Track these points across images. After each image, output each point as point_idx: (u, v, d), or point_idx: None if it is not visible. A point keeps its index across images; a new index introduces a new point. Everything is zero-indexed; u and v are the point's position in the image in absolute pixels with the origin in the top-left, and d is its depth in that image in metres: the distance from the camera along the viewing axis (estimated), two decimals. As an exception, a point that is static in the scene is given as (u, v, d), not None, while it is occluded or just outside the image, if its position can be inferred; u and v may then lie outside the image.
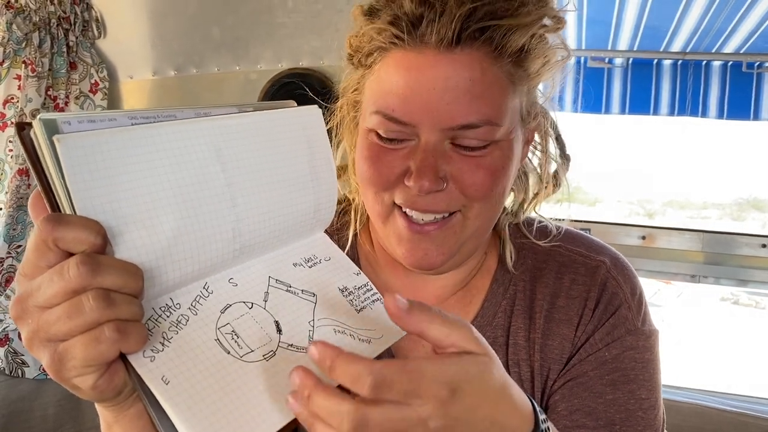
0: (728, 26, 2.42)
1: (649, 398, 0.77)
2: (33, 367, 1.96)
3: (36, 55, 1.86)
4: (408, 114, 0.69)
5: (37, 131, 0.43)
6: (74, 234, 0.43)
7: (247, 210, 0.55)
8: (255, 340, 0.53)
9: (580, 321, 0.80)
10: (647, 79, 2.72)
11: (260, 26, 1.96)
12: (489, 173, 0.71)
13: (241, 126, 0.56)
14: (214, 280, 0.54)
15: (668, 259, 2.35)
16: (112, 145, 0.46)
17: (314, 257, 0.64)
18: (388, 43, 0.71)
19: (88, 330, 0.44)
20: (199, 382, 0.48)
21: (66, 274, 0.43)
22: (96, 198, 0.45)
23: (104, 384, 0.48)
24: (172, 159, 0.49)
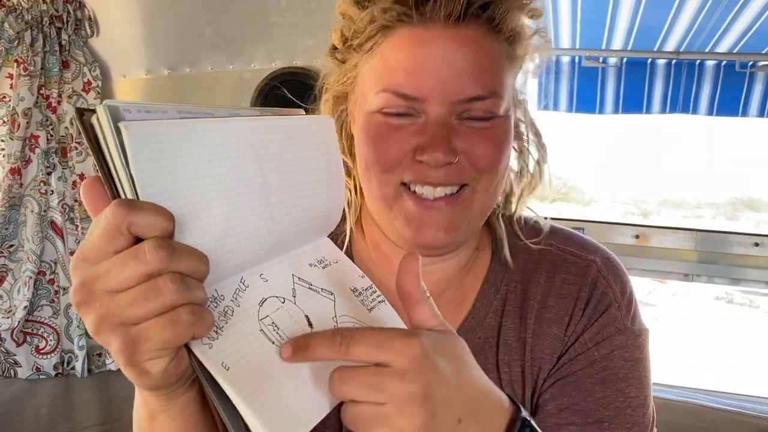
0: (721, 26, 2.43)
1: (638, 396, 0.78)
2: (26, 367, 1.95)
3: (28, 54, 1.85)
4: (418, 88, 0.71)
5: (101, 117, 0.44)
6: (148, 219, 0.43)
7: (279, 209, 0.57)
8: (292, 332, 0.55)
9: (570, 320, 0.81)
10: (641, 79, 2.73)
11: (254, 25, 1.96)
12: (496, 145, 0.74)
13: (273, 128, 0.58)
14: (248, 274, 0.56)
15: (662, 257, 2.36)
16: (171, 136, 0.47)
17: (324, 259, 0.67)
18: (395, 21, 0.72)
19: (163, 313, 0.45)
20: (255, 368, 0.50)
21: (143, 257, 0.43)
22: (158, 185, 0.45)
23: (173, 368, 0.48)
24: (218, 155, 0.51)
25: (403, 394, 0.50)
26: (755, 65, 2.61)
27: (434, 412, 0.52)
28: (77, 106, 1.98)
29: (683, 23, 2.44)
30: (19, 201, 1.93)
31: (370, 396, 0.51)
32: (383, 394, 0.51)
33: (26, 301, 1.90)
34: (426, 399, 0.51)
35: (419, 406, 0.51)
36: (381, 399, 0.51)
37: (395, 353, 0.51)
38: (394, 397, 0.50)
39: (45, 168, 1.93)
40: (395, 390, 0.50)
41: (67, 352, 2.02)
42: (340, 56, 0.81)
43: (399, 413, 0.50)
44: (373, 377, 0.51)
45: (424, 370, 0.51)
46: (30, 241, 1.92)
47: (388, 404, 0.51)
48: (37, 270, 1.93)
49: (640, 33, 2.58)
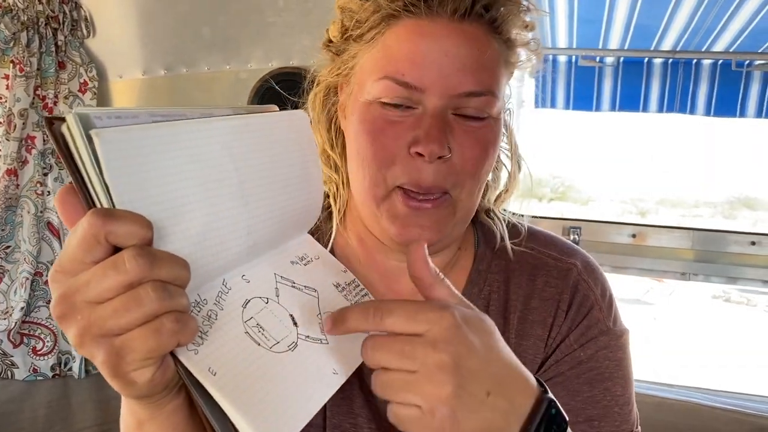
0: (717, 25, 2.43)
1: (623, 395, 0.80)
2: (22, 369, 1.95)
3: (24, 55, 1.85)
4: (419, 78, 0.71)
5: (71, 126, 0.43)
6: (126, 228, 0.43)
7: (257, 208, 0.57)
8: (277, 332, 0.56)
9: (554, 322, 0.82)
10: (637, 78, 2.74)
11: (250, 25, 1.95)
12: (484, 148, 0.74)
13: (246, 126, 0.58)
14: (230, 276, 0.56)
15: (659, 257, 2.36)
16: (144, 141, 0.46)
17: (306, 256, 0.67)
18: (402, 11, 0.72)
19: (147, 322, 0.44)
20: (241, 372, 0.50)
21: (123, 267, 0.43)
22: (134, 192, 0.45)
23: (159, 377, 0.48)
24: (193, 157, 0.50)
25: (433, 362, 0.51)
26: (751, 64, 2.62)
27: (463, 383, 0.52)
28: (75, 111, 1.98)
29: (679, 22, 2.45)
30: (16, 202, 1.93)
31: (401, 363, 0.52)
32: (414, 362, 0.52)
33: (23, 302, 1.90)
34: (456, 369, 0.52)
35: (449, 374, 0.51)
36: (412, 367, 0.52)
37: (428, 323, 0.52)
38: (425, 365, 0.51)
39: (41, 169, 1.93)
40: (426, 358, 0.51)
41: (64, 354, 2.02)
42: (335, 48, 0.82)
43: (429, 381, 0.51)
44: (405, 345, 0.52)
45: (455, 341, 0.53)
46: (27, 242, 1.91)
47: (418, 372, 0.52)
48: (33, 271, 1.93)
49: (636, 32, 2.58)
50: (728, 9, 2.30)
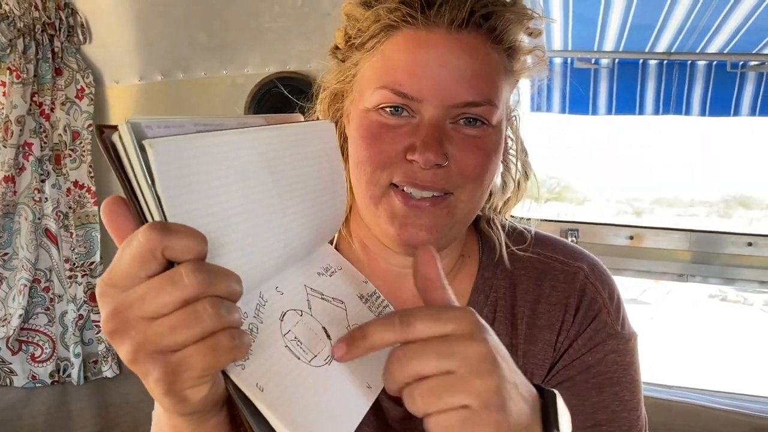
0: (712, 26, 2.44)
1: (632, 399, 0.79)
2: (21, 376, 1.95)
3: (21, 62, 1.85)
4: (416, 89, 0.71)
5: (123, 135, 0.42)
6: (183, 243, 0.42)
7: (293, 220, 0.56)
8: (314, 345, 0.55)
9: (562, 326, 0.82)
10: (633, 79, 2.75)
11: (247, 30, 1.95)
12: (485, 155, 0.74)
13: (281, 137, 0.57)
14: (265, 288, 0.55)
15: (656, 258, 2.36)
16: (192, 152, 0.45)
17: (330, 266, 0.66)
18: (400, 22, 0.73)
19: (204, 339, 0.43)
20: (287, 387, 0.50)
21: (181, 282, 0.42)
22: (185, 205, 0.44)
23: (212, 395, 0.47)
24: (236, 168, 0.49)
25: (475, 354, 0.50)
26: (746, 65, 2.63)
27: (504, 375, 0.52)
28: (66, 122, 1.98)
29: (674, 24, 2.46)
30: (13, 209, 1.92)
31: (440, 364, 0.50)
32: (454, 359, 0.50)
33: (21, 309, 1.90)
34: (496, 358, 0.51)
35: (492, 363, 0.51)
36: (452, 365, 0.50)
37: (456, 321, 0.51)
38: (467, 359, 0.50)
39: (39, 175, 1.93)
40: (467, 352, 0.50)
41: (62, 360, 2.01)
42: (340, 55, 0.82)
43: (475, 375, 0.50)
44: (440, 346, 0.50)
45: (484, 333, 0.52)
46: (24, 249, 1.91)
47: (460, 369, 0.50)
48: (32, 278, 1.93)
49: (631, 34, 2.59)
50: (722, 10, 2.32)
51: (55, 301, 2.00)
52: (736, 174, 19.78)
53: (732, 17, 2.36)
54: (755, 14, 2.31)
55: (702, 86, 2.68)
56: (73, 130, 1.99)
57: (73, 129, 1.99)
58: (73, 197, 1.99)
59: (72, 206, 1.98)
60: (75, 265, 1.98)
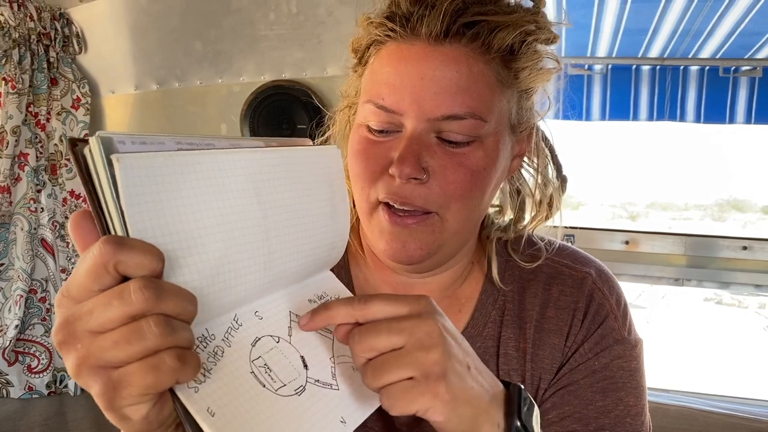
0: (704, 31, 2.46)
1: (636, 405, 0.80)
2: (18, 387, 1.94)
3: (16, 72, 1.84)
4: (396, 102, 0.71)
5: (93, 148, 0.42)
6: (137, 259, 0.42)
7: (278, 243, 0.55)
8: (286, 374, 0.54)
9: (570, 331, 0.82)
10: (626, 85, 2.76)
11: (242, 39, 1.96)
12: (470, 172, 0.73)
13: (274, 160, 0.56)
14: (242, 312, 0.54)
15: (652, 263, 2.37)
16: (166, 169, 0.45)
17: (325, 294, 0.65)
18: (384, 36, 0.74)
19: (146, 357, 0.42)
20: (243, 414, 0.48)
21: (128, 298, 0.41)
22: (149, 221, 0.43)
23: (155, 414, 0.46)
24: (216, 188, 0.49)
25: (421, 330, 0.55)
26: (738, 70, 2.64)
27: (449, 350, 0.56)
28: (62, 131, 1.98)
29: (667, 29, 2.47)
30: (9, 219, 1.92)
31: (389, 339, 0.54)
32: (402, 334, 0.54)
33: (17, 320, 1.89)
34: (442, 334, 0.56)
35: (437, 339, 0.55)
36: (400, 341, 0.54)
37: (408, 304, 0.57)
38: (413, 334, 0.54)
39: (35, 186, 1.92)
40: (414, 329, 0.55)
41: (59, 371, 2.00)
42: (355, 67, 0.83)
43: (419, 348, 0.54)
44: (391, 323, 0.55)
45: (435, 314, 0.57)
46: (20, 259, 1.90)
47: (406, 345, 0.54)
48: (28, 288, 1.92)
49: (624, 39, 2.61)
50: (714, 14, 2.33)
51: (52, 311, 1.99)
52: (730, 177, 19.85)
53: (724, 22, 2.38)
54: (746, 19, 2.33)
55: (696, 91, 2.69)
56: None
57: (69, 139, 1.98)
58: (69, 207, 1.98)
59: (68, 216, 1.98)
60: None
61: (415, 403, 0.53)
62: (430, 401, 0.53)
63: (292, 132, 1.98)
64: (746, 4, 2.22)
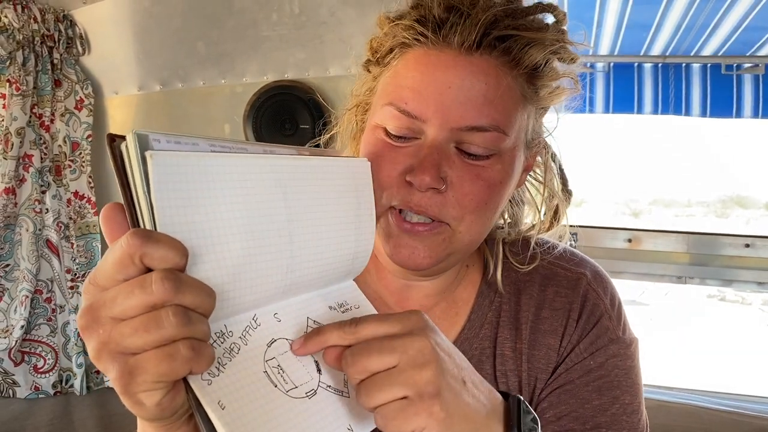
0: (706, 29, 2.46)
1: (632, 403, 0.80)
2: (24, 387, 1.95)
3: (20, 74, 1.85)
4: (420, 108, 0.71)
5: (129, 144, 0.44)
6: (162, 252, 0.43)
7: (301, 248, 0.57)
8: (298, 377, 0.55)
9: (565, 331, 0.83)
10: (629, 82, 2.76)
11: (245, 40, 1.97)
12: (487, 185, 0.72)
13: (304, 167, 0.58)
14: (261, 313, 0.55)
15: (654, 261, 2.38)
16: (197, 168, 0.47)
17: (345, 303, 0.65)
18: (412, 40, 0.73)
19: (163, 345, 0.44)
20: (252, 411, 0.49)
21: (149, 288, 0.43)
22: (177, 216, 0.45)
23: (168, 402, 0.47)
24: (244, 190, 0.51)
25: (413, 347, 0.54)
26: (740, 67, 2.64)
27: (443, 366, 0.55)
28: (65, 133, 1.99)
29: (669, 27, 2.47)
30: (14, 220, 1.93)
31: (382, 359, 0.53)
32: (394, 353, 0.53)
33: (23, 320, 1.90)
34: (435, 351, 0.55)
35: (430, 356, 0.54)
36: (392, 360, 0.53)
37: (399, 322, 0.56)
38: (405, 352, 0.53)
39: (39, 187, 1.93)
40: (406, 347, 0.54)
41: (65, 371, 2.02)
42: (368, 66, 0.83)
43: (412, 366, 0.53)
44: (382, 342, 0.54)
45: (427, 330, 0.56)
46: (26, 260, 1.92)
47: (400, 362, 0.53)
48: (33, 289, 1.93)
49: (626, 37, 2.61)
50: (717, 12, 2.33)
51: (57, 311, 2.00)
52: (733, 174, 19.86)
53: (726, 19, 2.38)
54: (749, 17, 2.33)
55: (700, 88, 2.69)
56: (73, 141, 2.00)
57: (72, 140, 2.00)
58: (73, 208, 1.99)
59: (72, 217, 1.99)
60: (76, 275, 1.99)
61: (409, 423, 0.53)
62: (425, 420, 0.53)
63: (295, 132, 1.98)
64: (748, 2, 2.22)
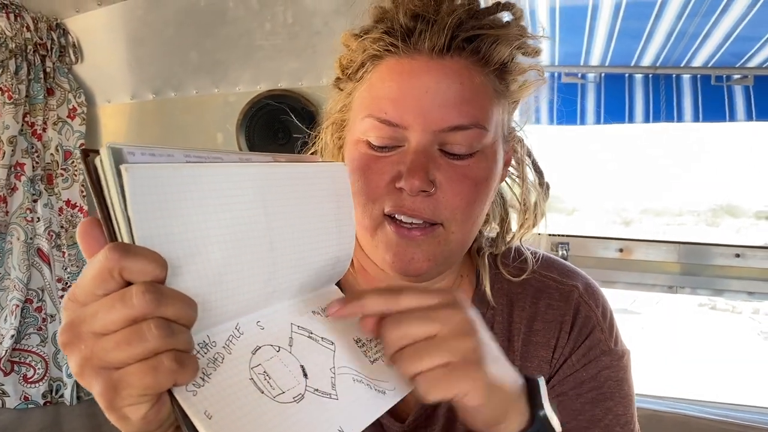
0: (696, 40, 2.48)
1: (625, 414, 0.81)
2: (14, 397, 1.93)
3: (12, 82, 1.85)
4: (400, 116, 0.72)
5: (103, 158, 0.44)
6: (141, 265, 0.43)
7: (282, 255, 0.56)
8: (285, 382, 0.54)
9: (557, 344, 0.83)
10: (620, 91, 2.79)
11: (238, 49, 1.97)
12: (474, 184, 0.74)
13: (282, 174, 0.58)
14: (244, 321, 0.55)
15: (646, 270, 2.39)
16: (173, 180, 0.47)
17: None
18: (383, 51, 0.75)
19: (146, 359, 0.44)
20: (239, 418, 0.48)
21: (130, 302, 0.43)
22: (155, 229, 0.45)
23: (153, 415, 0.47)
24: (222, 199, 0.50)
25: (456, 320, 0.57)
26: (730, 78, 2.67)
27: (482, 339, 0.58)
28: (57, 141, 1.98)
29: (659, 38, 2.50)
30: (5, 229, 1.92)
31: (424, 328, 0.56)
32: (436, 323, 0.56)
33: (13, 329, 1.89)
34: (475, 323, 0.58)
35: (472, 329, 0.57)
36: (435, 329, 0.56)
37: (438, 296, 0.59)
38: (448, 323, 0.56)
39: (31, 196, 1.92)
40: (447, 318, 0.57)
41: (55, 381, 2.00)
42: (339, 84, 0.84)
43: (453, 336, 0.56)
44: (426, 311, 0.57)
45: (465, 306, 0.59)
46: (16, 269, 1.91)
47: (441, 332, 0.56)
48: (24, 298, 1.92)
49: (617, 49, 2.63)
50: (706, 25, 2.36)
51: (48, 321, 1.99)
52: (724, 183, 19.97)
53: (716, 30, 2.40)
54: (739, 27, 2.35)
55: (691, 98, 2.71)
56: (65, 150, 1.99)
57: (65, 149, 1.99)
58: (65, 217, 1.99)
59: (64, 226, 1.98)
60: (67, 284, 1.98)
61: (454, 388, 0.55)
62: (470, 385, 0.55)
63: (288, 141, 1.98)
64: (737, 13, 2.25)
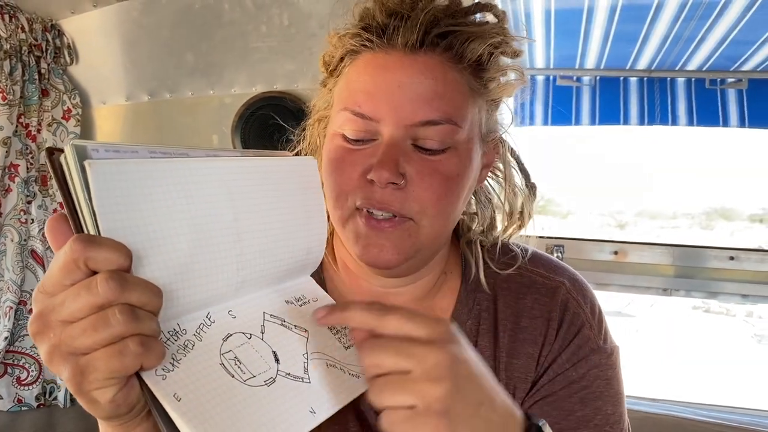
0: (691, 44, 2.49)
1: (614, 413, 0.81)
2: (7, 399, 1.92)
3: (7, 83, 1.84)
4: (373, 109, 0.73)
5: (68, 156, 0.46)
6: (105, 255, 0.45)
7: (250, 245, 0.58)
8: (256, 367, 0.55)
9: (545, 341, 0.83)
10: (615, 95, 2.80)
11: (234, 51, 1.97)
12: (445, 179, 0.74)
13: (248, 167, 0.59)
14: (215, 310, 0.57)
15: (640, 273, 2.39)
16: (137, 174, 0.48)
17: (303, 297, 0.67)
18: (359, 46, 0.77)
19: (112, 343, 0.46)
20: (208, 401, 0.50)
21: (94, 289, 0.44)
22: (119, 221, 0.47)
23: (121, 398, 0.49)
24: (186, 192, 0.52)
25: (430, 360, 0.53)
26: (724, 82, 2.68)
27: (458, 385, 0.53)
28: (52, 142, 1.98)
29: (654, 41, 2.51)
30: (-1, 230, 1.91)
31: (397, 361, 0.53)
32: (411, 360, 0.53)
33: (7, 331, 1.88)
34: (452, 368, 0.53)
35: (445, 373, 0.53)
36: (408, 365, 0.53)
37: (425, 326, 0.54)
38: (422, 362, 0.52)
39: (25, 197, 1.92)
40: (424, 357, 0.53)
41: (49, 383, 2.00)
42: (323, 82, 0.86)
43: (425, 379, 0.52)
44: (402, 344, 0.54)
45: (450, 344, 0.54)
46: (10, 270, 1.90)
47: (414, 372, 0.52)
48: (17, 300, 1.91)
49: (612, 52, 2.64)
50: (701, 29, 2.36)
51: (41, 322, 1.98)
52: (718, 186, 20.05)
53: (711, 34, 2.41)
54: (734, 32, 2.36)
55: (685, 101, 2.73)
56: (60, 151, 1.98)
57: (59, 150, 1.98)
58: (59, 218, 1.98)
59: (58, 227, 1.97)
60: (61, 286, 1.97)
61: None
62: None
63: (284, 143, 1.98)
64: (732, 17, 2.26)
